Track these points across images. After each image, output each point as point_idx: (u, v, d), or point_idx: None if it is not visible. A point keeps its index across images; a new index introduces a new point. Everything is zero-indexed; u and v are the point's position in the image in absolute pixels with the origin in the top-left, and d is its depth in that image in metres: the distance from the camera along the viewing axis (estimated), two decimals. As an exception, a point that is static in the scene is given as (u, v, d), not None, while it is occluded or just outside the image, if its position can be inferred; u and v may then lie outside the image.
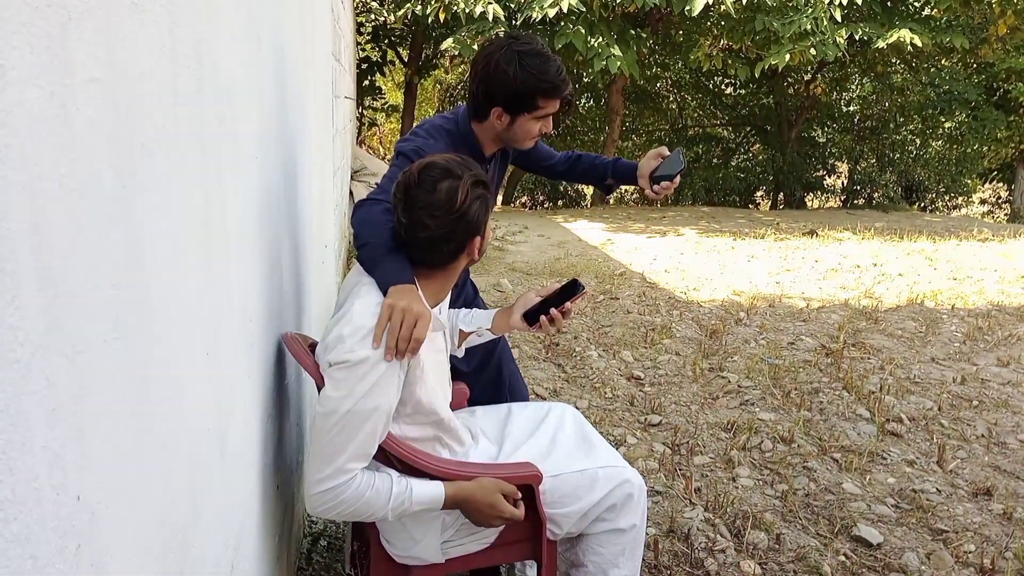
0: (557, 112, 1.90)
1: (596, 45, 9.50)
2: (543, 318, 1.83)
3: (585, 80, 14.27)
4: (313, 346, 1.82)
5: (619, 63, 9.45)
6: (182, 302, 0.94)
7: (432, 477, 1.57)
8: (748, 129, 17.56)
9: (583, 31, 9.47)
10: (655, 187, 2.08)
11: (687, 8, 9.08)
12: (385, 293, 1.51)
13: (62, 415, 0.62)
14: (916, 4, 11.06)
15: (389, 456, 1.54)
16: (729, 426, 3.33)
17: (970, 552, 2.45)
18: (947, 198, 17.52)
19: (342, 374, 1.43)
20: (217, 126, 1.13)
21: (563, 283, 1.86)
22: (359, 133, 13.42)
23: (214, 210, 1.11)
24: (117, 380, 0.73)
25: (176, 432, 0.92)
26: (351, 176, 7.46)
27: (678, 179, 2.09)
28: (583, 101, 16.71)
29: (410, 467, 1.55)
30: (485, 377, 2.25)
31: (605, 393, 3.73)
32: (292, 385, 1.98)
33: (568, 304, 1.83)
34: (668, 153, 2.10)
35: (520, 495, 1.63)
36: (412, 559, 1.68)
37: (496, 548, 1.73)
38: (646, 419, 3.40)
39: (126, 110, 0.75)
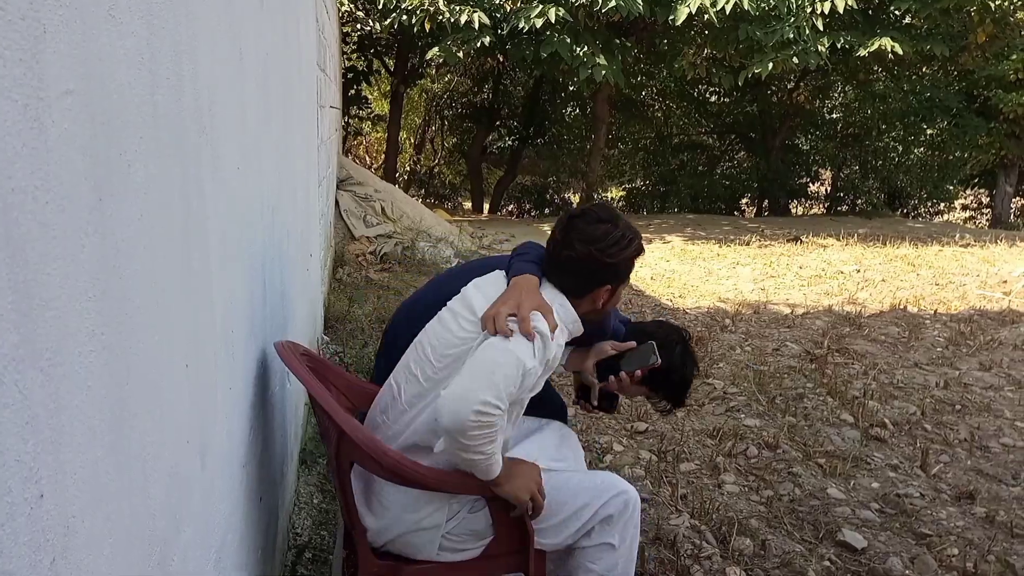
0: None
1: (581, 54, 9.55)
2: (612, 378, 1.87)
3: (571, 89, 14.33)
4: (306, 354, 1.82)
5: (604, 72, 9.51)
6: (161, 313, 0.94)
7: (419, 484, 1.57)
8: (733, 137, 17.68)
9: (568, 40, 9.52)
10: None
11: (671, 17, 9.16)
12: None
13: (36, 428, 0.61)
14: (897, 13, 11.17)
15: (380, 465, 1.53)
16: (715, 433, 3.34)
17: (953, 556, 2.46)
18: (929, 204, 17.68)
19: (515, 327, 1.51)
20: (197, 136, 1.13)
21: (641, 346, 1.87)
22: (345, 142, 13.41)
23: (194, 221, 1.10)
24: (94, 392, 0.73)
25: (155, 444, 0.91)
26: (337, 186, 7.45)
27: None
28: (569, 110, 16.78)
29: (400, 475, 1.54)
30: None
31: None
32: (276, 396, 1.97)
33: (639, 372, 1.86)
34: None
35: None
36: (405, 545, 1.66)
37: (483, 560, 1.72)
38: (632, 427, 3.41)
39: (103, 122, 0.75)
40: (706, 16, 9.05)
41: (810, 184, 17.87)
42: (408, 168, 17.82)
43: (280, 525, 2.06)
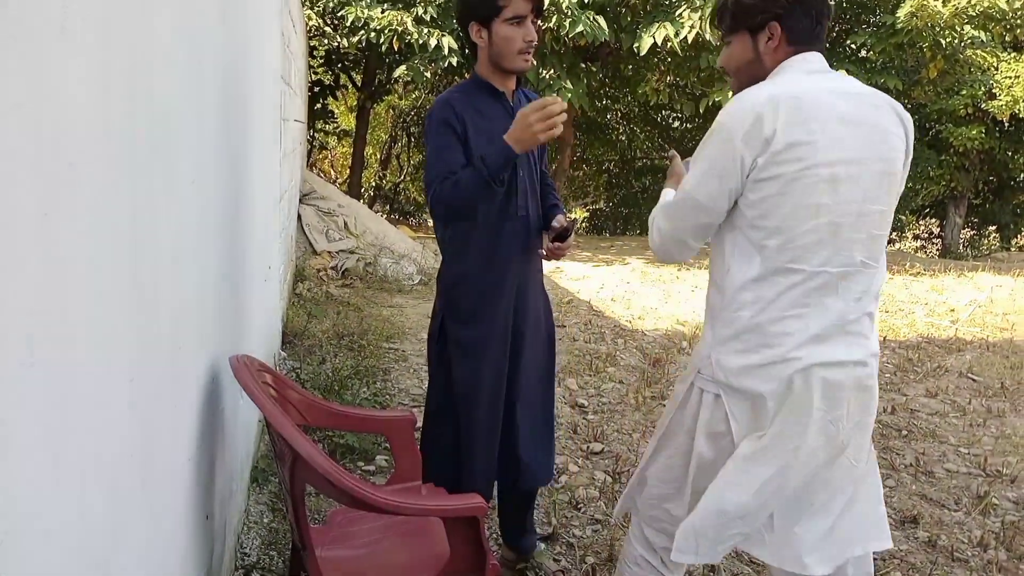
0: (534, 19, 1.97)
1: (547, 77, 9.66)
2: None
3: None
4: (263, 369, 1.80)
5: (570, 95, 9.62)
6: (105, 328, 0.93)
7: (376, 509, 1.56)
8: (695, 162, 17.96)
9: (535, 63, 9.63)
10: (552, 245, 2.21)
11: (636, 46, 9.32)
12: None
13: (-31, 444, 0.61)
14: (853, 46, 11.55)
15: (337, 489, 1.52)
16: (669, 454, 3.37)
17: (896, 578, 2.52)
18: (882, 233, 18.12)
19: None
20: (150, 151, 1.12)
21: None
22: (310, 156, 13.32)
23: (144, 235, 1.10)
24: (31, 407, 0.72)
25: (95, 461, 0.90)
26: (300, 199, 7.40)
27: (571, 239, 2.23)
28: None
29: (354, 498, 1.53)
30: None
31: (548, 421, 3.74)
32: (228, 412, 1.95)
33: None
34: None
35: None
36: None
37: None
38: (588, 447, 3.43)
39: (51, 137, 0.75)
40: (669, 44, 9.23)
41: (768, 210, 18.21)
42: (373, 184, 17.75)
43: (227, 544, 2.02)
